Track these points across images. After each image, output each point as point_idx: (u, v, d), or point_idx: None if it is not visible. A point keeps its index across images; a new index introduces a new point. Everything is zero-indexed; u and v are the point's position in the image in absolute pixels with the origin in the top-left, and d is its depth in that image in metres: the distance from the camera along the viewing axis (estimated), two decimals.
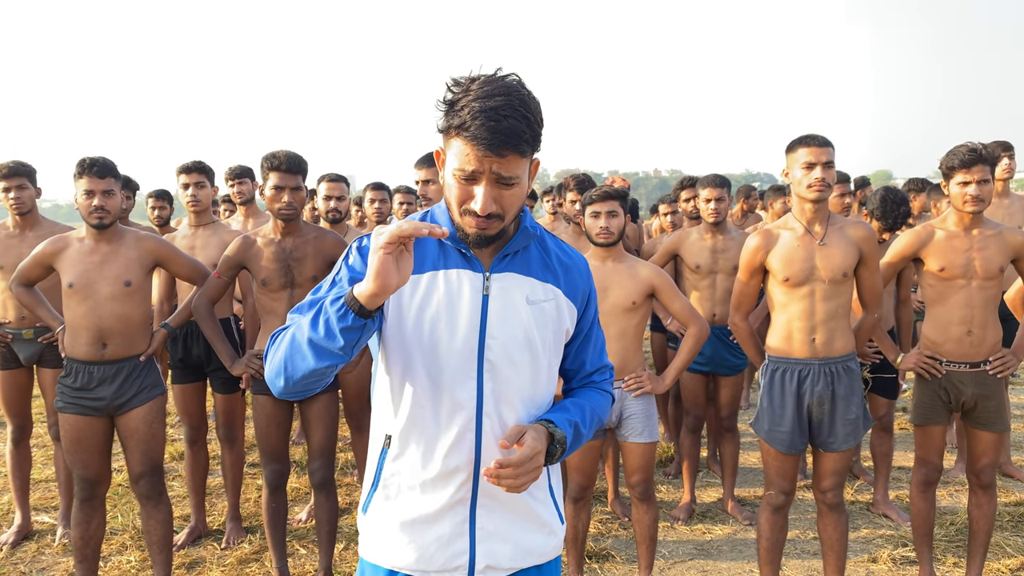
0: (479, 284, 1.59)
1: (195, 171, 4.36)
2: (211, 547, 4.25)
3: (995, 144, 4.93)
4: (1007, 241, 3.32)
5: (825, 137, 3.12)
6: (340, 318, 1.39)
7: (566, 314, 1.69)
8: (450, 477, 1.59)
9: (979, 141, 3.33)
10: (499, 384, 1.60)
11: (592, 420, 1.73)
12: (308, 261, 3.48)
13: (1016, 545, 4.08)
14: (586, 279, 1.76)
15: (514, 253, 1.64)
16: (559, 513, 1.76)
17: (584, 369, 1.81)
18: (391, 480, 1.63)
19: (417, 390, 1.58)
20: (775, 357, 3.24)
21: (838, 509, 3.30)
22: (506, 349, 1.60)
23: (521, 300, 1.62)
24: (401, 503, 1.62)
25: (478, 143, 1.44)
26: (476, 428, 1.59)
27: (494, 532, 1.63)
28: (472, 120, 1.44)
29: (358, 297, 1.38)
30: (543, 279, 1.66)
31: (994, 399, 3.36)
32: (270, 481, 3.61)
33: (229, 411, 4.34)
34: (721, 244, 4.56)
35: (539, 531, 1.70)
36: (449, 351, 1.57)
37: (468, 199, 1.50)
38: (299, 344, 1.45)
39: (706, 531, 4.41)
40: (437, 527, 1.61)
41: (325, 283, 1.62)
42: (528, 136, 1.48)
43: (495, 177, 1.48)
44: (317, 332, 1.41)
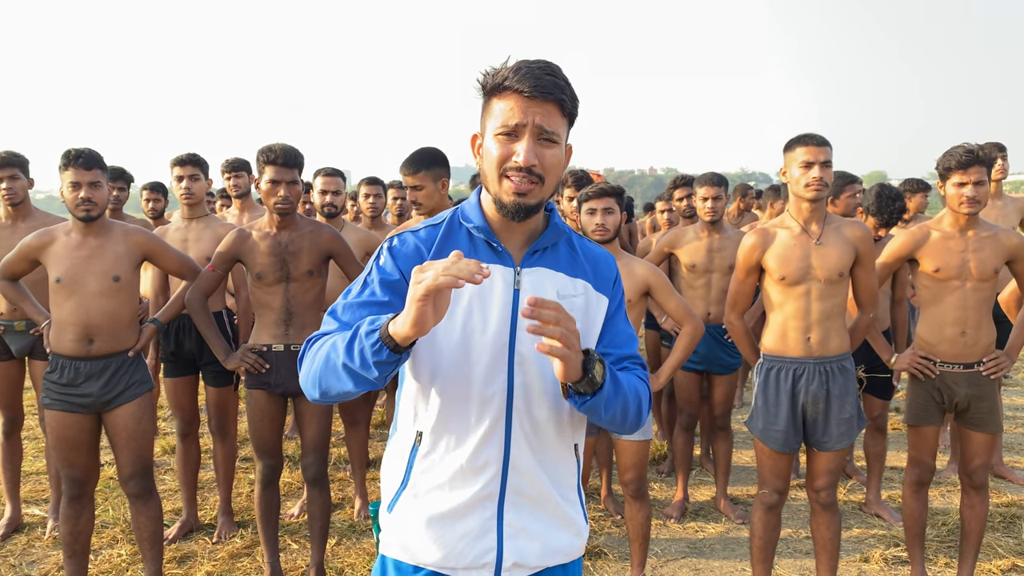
0: (510, 278, 1.59)
1: (189, 163, 4.33)
2: (202, 541, 4.24)
3: (991, 145, 4.94)
4: (1002, 243, 3.33)
5: (823, 136, 3.12)
6: (375, 352, 1.37)
7: (595, 308, 1.68)
8: (480, 472, 1.57)
9: (975, 142, 3.34)
10: (529, 378, 1.58)
11: (627, 390, 1.56)
12: (304, 255, 3.46)
13: (1007, 546, 4.09)
14: (613, 269, 1.76)
15: (543, 249, 1.64)
16: (584, 514, 1.75)
17: (610, 355, 1.70)
18: (421, 477, 1.61)
19: (449, 385, 1.57)
20: (770, 356, 3.24)
21: (831, 508, 3.31)
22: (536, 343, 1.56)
23: (552, 294, 1.61)
24: (429, 500, 1.60)
25: (521, 91, 1.47)
26: (506, 423, 1.58)
27: (522, 529, 1.62)
28: (514, 74, 1.49)
29: (393, 336, 1.35)
30: (572, 275, 1.66)
31: (987, 400, 3.36)
32: (263, 476, 3.59)
33: (221, 405, 4.32)
34: (717, 243, 4.56)
35: (567, 530, 1.68)
36: (481, 345, 1.56)
37: (509, 156, 1.50)
38: (334, 365, 1.45)
39: (699, 529, 4.41)
40: (465, 523, 1.59)
41: (356, 283, 1.62)
42: (568, 96, 1.52)
43: (537, 131, 1.49)
44: (352, 360, 1.40)
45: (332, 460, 5.44)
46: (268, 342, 3.48)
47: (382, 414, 6.44)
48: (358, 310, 1.57)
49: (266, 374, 3.47)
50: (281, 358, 3.46)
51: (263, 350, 3.48)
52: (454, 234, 1.63)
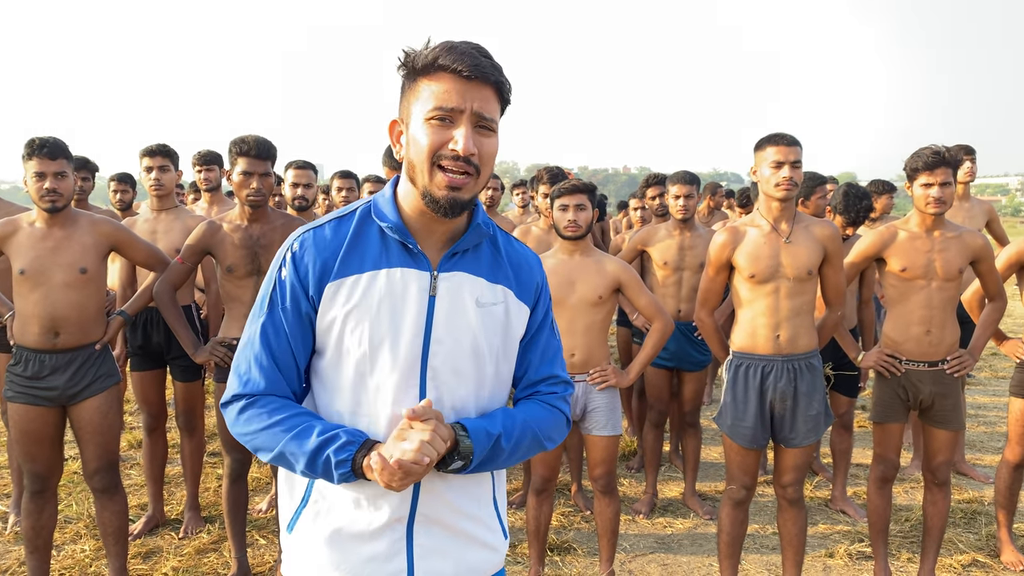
0: (426, 284, 1.47)
1: (159, 154, 4.28)
2: (168, 537, 4.19)
3: (957, 147, 5.03)
4: (967, 244, 3.38)
5: (793, 136, 3.15)
6: (341, 476, 1.38)
7: (516, 317, 1.57)
8: (388, 494, 1.46)
9: (942, 144, 3.39)
10: (442, 393, 1.47)
11: (523, 436, 1.53)
12: (275, 248, 3.42)
13: (968, 542, 4.16)
14: (538, 273, 1.64)
15: (464, 251, 1.51)
16: (503, 527, 1.65)
17: (529, 376, 1.63)
18: (323, 496, 1.50)
19: (356, 399, 1.46)
20: (739, 353, 3.27)
21: (798, 504, 3.35)
22: (451, 356, 1.48)
23: (470, 302, 1.50)
24: (333, 520, 1.49)
25: (458, 72, 1.36)
26: None
27: (433, 549, 1.51)
28: (448, 53, 1.37)
29: (364, 471, 1.36)
30: (493, 280, 1.54)
31: (951, 398, 3.42)
32: (231, 470, 3.56)
33: (189, 399, 4.27)
34: (688, 241, 4.59)
35: (481, 547, 1.59)
36: (392, 358, 1.44)
37: (444, 143, 1.37)
38: (291, 463, 1.41)
39: (667, 525, 4.45)
40: (372, 545, 1.48)
41: (264, 297, 1.49)
42: (505, 80, 1.42)
43: (476, 118, 1.38)
44: (315, 471, 1.40)
45: None
46: (238, 335, 3.45)
47: None
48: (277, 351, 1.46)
49: None
50: None
51: (233, 343, 3.45)
52: (364, 232, 1.49)
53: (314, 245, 1.47)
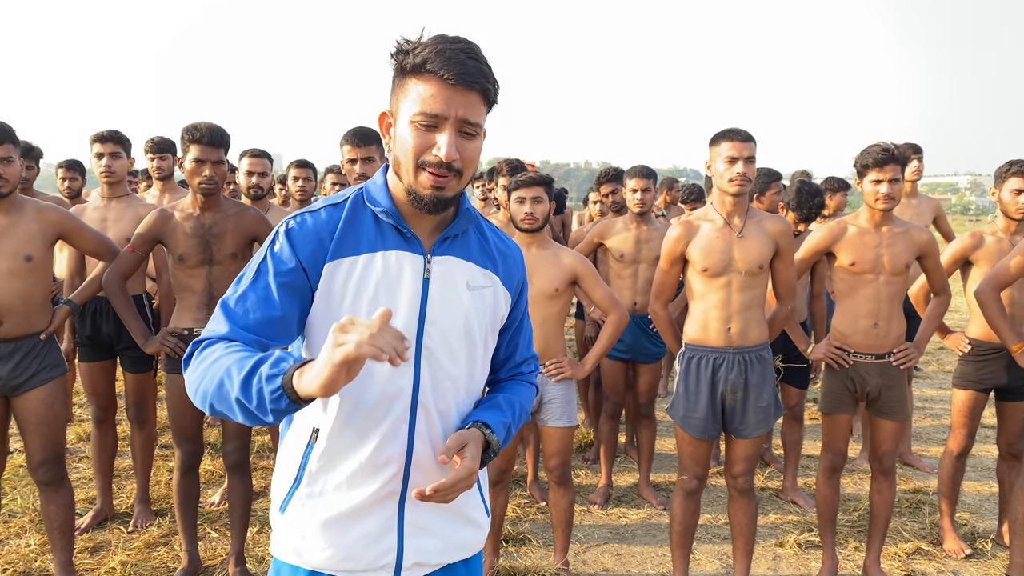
0: (420, 267, 1.51)
1: (111, 140, 4.18)
2: (117, 531, 4.11)
3: (906, 146, 5.14)
4: (914, 239, 3.47)
5: (748, 132, 3.19)
6: (273, 400, 1.25)
7: (502, 302, 1.65)
8: (380, 470, 1.50)
9: (891, 142, 3.46)
10: (436, 372, 1.52)
11: (521, 418, 1.69)
12: (228, 237, 3.38)
13: (913, 530, 4.27)
14: (521, 268, 1.72)
15: (454, 236, 1.57)
16: (486, 506, 1.72)
17: (514, 358, 1.76)
18: (316, 476, 1.52)
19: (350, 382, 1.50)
20: (692, 345, 3.31)
21: (748, 495, 3.40)
22: (445, 336, 1.53)
23: (462, 285, 1.56)
24: (325, 500, 1.52)
25: (444, 79, 1.38)
26: (410, 419, 1.51)
27: (423, 527, 1.56)
28: (436, 56, 1.39)
29: (297, 390, 1.22)
30: (483, 265, 1.61)
31: (896, 389, 3.51)
32: (182, 463, 3.51)
33: (140, 391, 4.19)
34: (645, 234, 4.63)
35: (468, 525, 1.65)
36: None
37: (428, 148, 1.42)
38: (227, 395, 1.31)
39: (622, 515, 4.49)
40: (364, 523, 1.52)
41: (249, 269, 1.48)
42: (492, 83, 1.44)
43: (459, 124, 1.41)
44: (248, 399, 1.27)
45: (256, 448, 5.35)
46: (190, 326, 3.40)
47: None
48: (253, 310, 1.44)
49: None
50: None
51: (184, 334, 3.40)
52: (359, 217, 1.52)
53: (312, 225, 1.49)
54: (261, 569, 3.73)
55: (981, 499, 4.76)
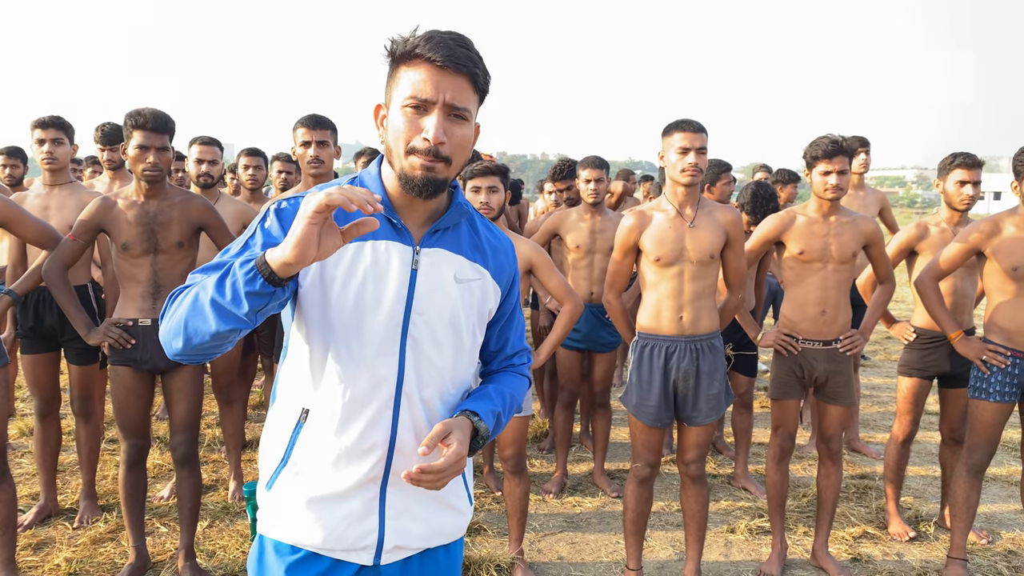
0: (408, 257, 1.53)
1: (52, 126, 4.06)
2: (62, 527, 4.02)
3: (853, 138, 5.23)
4: (860, 229, 3.54)
5: (699, 123, 3.21)
6: (248, 282, 1.28)
7: (491, 295, 1.66)
8: (366, 454, 1.53)
9: (839, 133, 3.53)
10: (421, 362, 1.55)
11: (512, 407, 1.71)
12: (173, 226, 3.31)
13: (859, 515, 4.37)
14: (512, 262, 1.73)
15: (445, 229, 1.59)
16: (469, 494, 1.73)
17: (506, 351, 1.79)
18: (303, 456, 1.55)
19: (338, 363, 1.51)
20: (645, 334, 3.33)
21: (700, 481, 3.44)
22: (430, 326, 1.55)
23: (450, 277, 1.57)
24: (311, 479, 1.54)
25: (432, 61, 1.42)
26: (394, 406, 1.53)
27: (404, 511, 1.59)
28: (426, 43, 1.43)
29: (270, 262, 1.28)
30: (472, 258, 1.62)
31: (843, 375, 3.58)
32: (129, 456, 3.43)
33: (85, 384, 4.09)
34: (599, 224, 4.65)
35: (450, 511, 1.67)
36: (373, 324, 1.50)
37: (417, 132, 1.44)
38: (201, 305, 1.33)
39: (576, 504, 4.52)
40: (347, 504, 1.54)
41: (235, 245, 1.50)
42: (481, 70, 1.47)
43: (448, 109, 1.43)
44: (222, 294, 1.30)
45: (206, 441, 5.27)
46: (134, 316, 3.32)
47: (260, 394, 6.27)
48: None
49: (132, 350, 3.30)
50: (148, 333, 3.30)
51: (128, 324, 3.32)
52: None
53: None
54: (212, 563, 3.67)
55: (925, 483, 4.89)
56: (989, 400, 3.47)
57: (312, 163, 3.60)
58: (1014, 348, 3.43)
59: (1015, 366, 3.43)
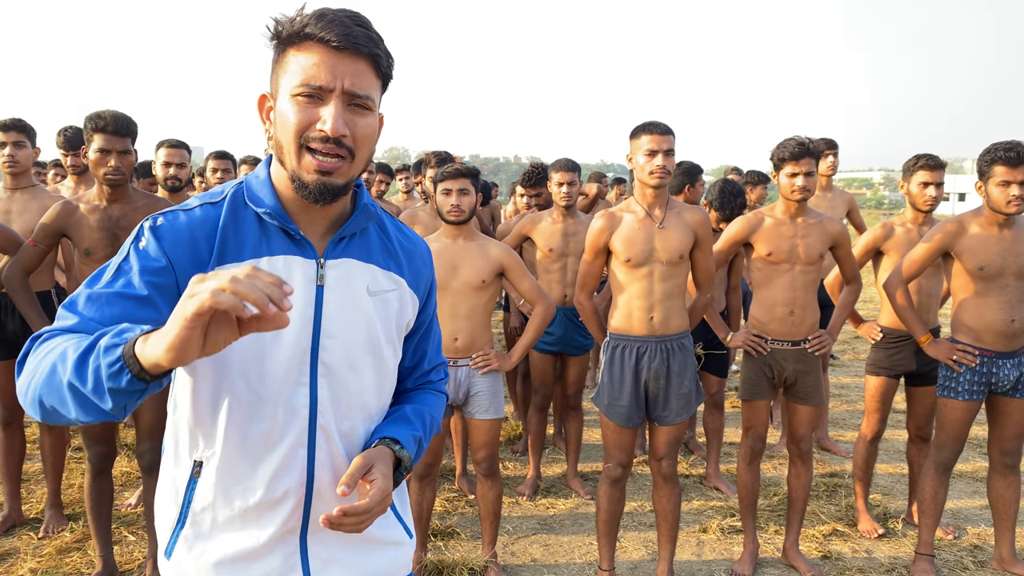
0: (312, 272, 1.33)
1: (13, 129, 3.98)
2: (27, 537, 3.94)
3: (821, 141, 5.29)
4: (827, 230, 3.57)
5: (667, 125, 3.23)
6: (112, 376, 1.02)
7: (409, 306, 1.48)
8: (278, 505, 1.33)
9: (807, 135, 3.56)
10: (337, 391, 1.35)
11: (432, 429, 1.56)
12: None
13: (829, 513, 4.41)
14: (428, 266, 1.56)
15: (351, 236, 1.39)
16: (403, 524, 1.54)
17: (423, 366, 1.61)
18: (203, 515, 1.33)
19: (235, 405, 1.29)
20: (616, 334, 3.34)
21: (672, 481, 3.46)
22: (345, 350, 1.36)
23: (362, 290, 1.38)
24: (217, 541, 1.33)
25: (327, 42, 1.21)
26: (309, 444, 1.34)
27: (331, 560, 1.40)
28: (317, 21, 1.22)
29: (140, 359, 1.01)
30: (386, 266, 1.43)
31: (812, 375, 3.61)
32: (94, 464, 3.38)
33: None
34: (571, 227, 4.65)
35: (384, 548, 1.49)
36: (276, 355, 1.29)
37: (311, 123, 1.23)
38: (59, 383, 1.07)
39: (550, 506, 4.52)
40: (263, 563, 1.34)
41: (109, 268, 1.25)
42: (383, 52, 1.28)
43: (348, 97, 1.24)
44: (83, 380, 1.04)
45: None
46: None
47: None
48: (107, 305, 1.20)
49: None
50: None
51: None
52: (240, 217, 1.32)
53: (185, 223, 1.29)
54: None
55: (893, 480, 4.96)
56: (958, 399, 3.52)
57: None
58: (982, 347, 3.48)
59: (983, 365, 3.49)
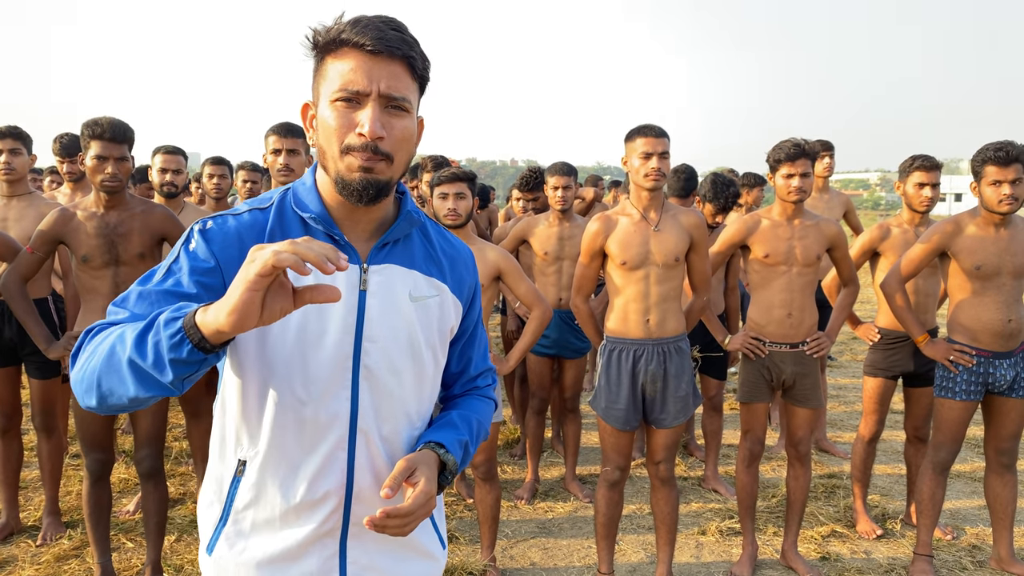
0: (355, 278, 1.35)
1: (9, 136, 3.98)
2: (25, 544, 3.93)
3: (817, 142, 5.30)
4: (824, 232, 3.58)
5: (661, 128, 3.24)
6: (173, 347, 1.06)
7: (451, 311, 1.49)
8: (317, 506, 1.36)
9: (803, 137, 3.57)
10: (378, 395, 1.37)
11: (480, 435, 1.56)
12: (134, 236, 3.26)
13: (828, 514, 4.41)
14: (472, 272, 1.57)
15: (395, 242, 1.41)
16: (440, 536, 1.57)
17: (469, 371, 1.62)
18: (244, 514, 1.37)
19: (279, 406, 1.32)
20: (612, 338, 3.35)
21: (670, 483, 3.46)
22: (386, 354, 1.37)
23: (404, 296, 1.39)
24: (257, 540, 1.37)
25: (362, 46, 1.25)
26: (349, 447, 1.36)
27: (369, 565, 1.42)
28: (352, 27, 1.25)
29: (201, 327, 1.04)
30: (428, 272, 1.45)
31: (810, 377, 3.61)
32: (92, 471, 3.37)
33: (46, 398, 4.01)
34: (568, 231, 4.65)
35: (421, 558, 1.51)
36: (319, 358, 1.32)
37: (351, 128, 1.26)
38: (118, 362, 1.11)
39: (548, 509, 4.51)
40: (301, 564, 1.37)
41: (159, 270, 1.30)
42: (419, 54, 1.30)
43: (385, 100, 1.26)
44: (143, 355, 1.08)
45: (172, 454, 5.19)
46: None
47: None
48: (157, 302, 1.24)
49: None
50: None
51: None
52: (286, 222, 1.36)
53: (234, 227, 1.33)
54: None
55: (891, 481, 4.96)
56: (955, 399, 3.52)
57: (282, 171, 3.56)
58: (979, 347, 3.49)
59: (980, 365, 3.49)
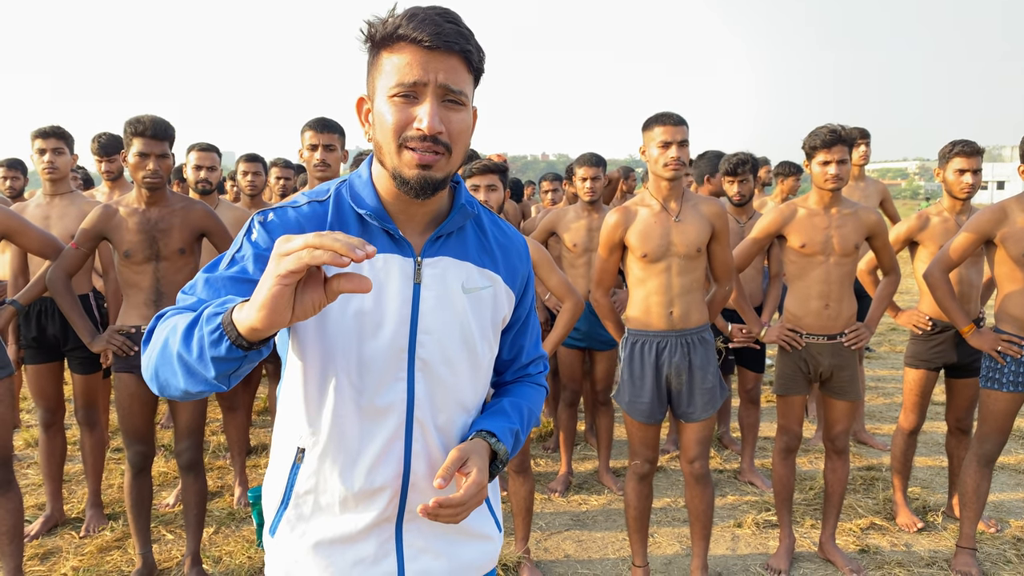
0: (410, 270, 1.36)
1: (53, 136, 4.07)
2: (68, 536, 4.02)
3: (854, 129, 5.21)
4: (862, 220, 3.51)
5: (680, 116, 3.17)
6: (213, 343, 1.06)
7: (504, 301, 1.50)
8: (376, 495, 1.38)
9: (839, 124, 3.50)
10: (433, 385, 1.39)
11: (530, 423, 1.57)
12: (175, 232, 3.31)
13: (867, 506, 4.35)
14: (525, 262, 1.57)
15: (448, 234, 1.42)
16: (495, 518, 1.58)
17: (520, 360, 1.63)
18: (305, 498, 1.40)
19: (337, 396, 1.34)
20: (634, 330, 3.32)
21: (704, 481, 3.41)
22: (441, 345, 1.39)
23: (457, 288, 1.41)
24: (317, 524, 1.40)
25: (419, 41, 1.24)
26: (406, 437, 1.38)
27: (425, 549, 1.44)
28: (408, 21, 1.25)
29: (237, 324, 1.04)
30: (481, 264, 1.46)
31: (848, 369, 3.55)
32: (133, 463, 3.43)
33: (89, 393, 4.09)
34: (596, 222, 4.63)
35: (475, 541, 1.52)
36: (375, 348, 1.34)
37: (409, 123, 1.26)
38: (170, 355, 1.13)
39: (582, 502, 4.51)
40: (359, 547, 1.40)
41: (224, 257, 1.33)
42: (475, 47, 1.30)
43: (441, 92, 1.26)
44: (189, 349, 1.09)
45: (211, 448, 5.27)
46: (137, 323, 3.32)
47: (264, 400, 6.27)
48: (222, 288, 1.26)
49: (135, 357, 3.31)
50: None
51: (131, 332, 3.32)
52: (343, 214, 1.38)
53: (294, 218, 1.35)
54: (218, 570, 3.67)
55: (932, 473, 4.87)
56: (1002, 390, 3.44)
57: (318, 167, 3.58)
58: None
59: None
